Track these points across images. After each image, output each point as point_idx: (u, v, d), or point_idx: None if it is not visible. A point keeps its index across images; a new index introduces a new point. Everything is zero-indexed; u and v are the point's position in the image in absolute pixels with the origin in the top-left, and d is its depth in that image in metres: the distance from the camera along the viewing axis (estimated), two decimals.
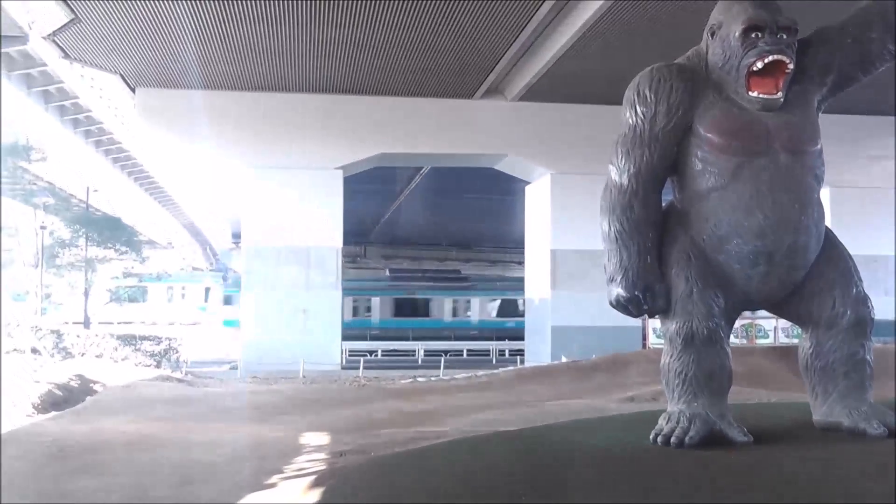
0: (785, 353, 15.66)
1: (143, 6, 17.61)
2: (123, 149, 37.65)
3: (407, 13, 17.87)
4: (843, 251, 4.40)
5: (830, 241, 4.35)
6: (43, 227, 25.45)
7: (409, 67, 21.46)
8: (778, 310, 4.52)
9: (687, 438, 3.96)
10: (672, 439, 3.99)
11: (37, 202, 25.79)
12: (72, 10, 17.94)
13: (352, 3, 17.33)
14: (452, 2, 17.25)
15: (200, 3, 17.45)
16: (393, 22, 18.33)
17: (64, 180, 31.11)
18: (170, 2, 17.36)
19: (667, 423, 4.11)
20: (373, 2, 17.24)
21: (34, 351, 19.97)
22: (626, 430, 4.83)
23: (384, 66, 21.30)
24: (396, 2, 17.29)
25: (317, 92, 23.28)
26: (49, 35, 19.92)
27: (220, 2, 17.37)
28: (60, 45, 20.58)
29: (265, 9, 17.69)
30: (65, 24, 18.68)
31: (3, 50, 23.90)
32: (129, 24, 18.64)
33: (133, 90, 23.61)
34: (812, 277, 4.24)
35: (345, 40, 19.39)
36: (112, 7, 17.74)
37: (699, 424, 4.00)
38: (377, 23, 18.35)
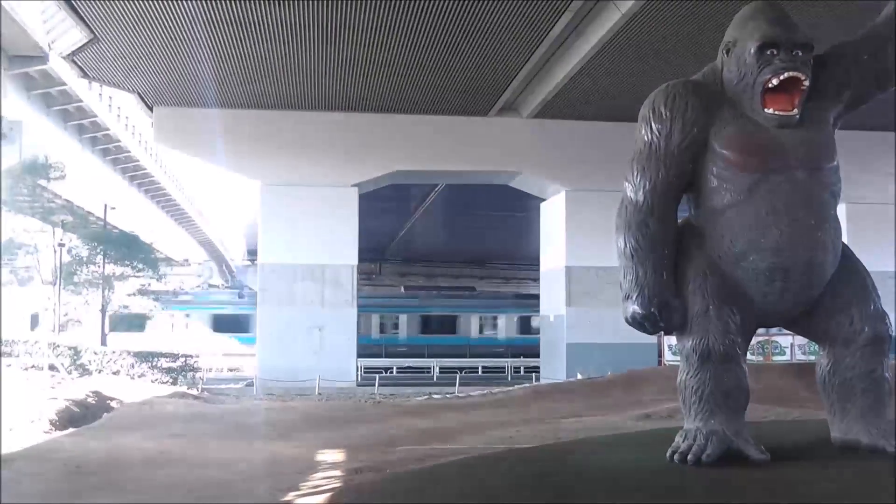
0: (802, 371, 15.56)
1: (160, 27, 17.79)
2: (141, 167, 37.96)
3: (422, 32, 17.97)
4: (861, 268, 4.38)
5: (847, 257, 4.33)
6: (61, 245, 25.63)
7: (425, 85, 21.57)
8: (795, 327, 4.50)
9: (704, 456, 3.94)
10: (689, 457, 3.97)
11: (55, 220, 25.98)
12: (91, 31, 18.14)
13: (367, 22, 17.44)
14: (467, 20, 17.34)
15: (217, 24, 17.61)
16: (408, 40, 18.44)
17: (82, 198, 31.33)
18: (187, 22, 17.53)
19: (683, 440, 4.09)
20: (388, 21, 17.35)
21: (52, 368, 20.07)
22: (643, 447, 4.81)
23: (399, 83, 21.41)
24: (411, 21, 17.39)
25: (332, 110, 23.41)
26: (68, 55, 20.13)
27: (237, 22, 17.51)
28: (79, 64, 20.78)
29: (281, 29, 17.84)
30: (84, 44, 18.89)
31: (23, 70, 24.19)
32: (147, 44, 18.83)
33: (150, 109, 23.80)
34: (829, 294, 4.22)
35: (360, 59, 19.52)
36: (130, 28, 17.92)
37: (716, 442, 3.98)
38: (392, 41, 18.47)
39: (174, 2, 16.63)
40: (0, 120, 23.39)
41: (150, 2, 16.63)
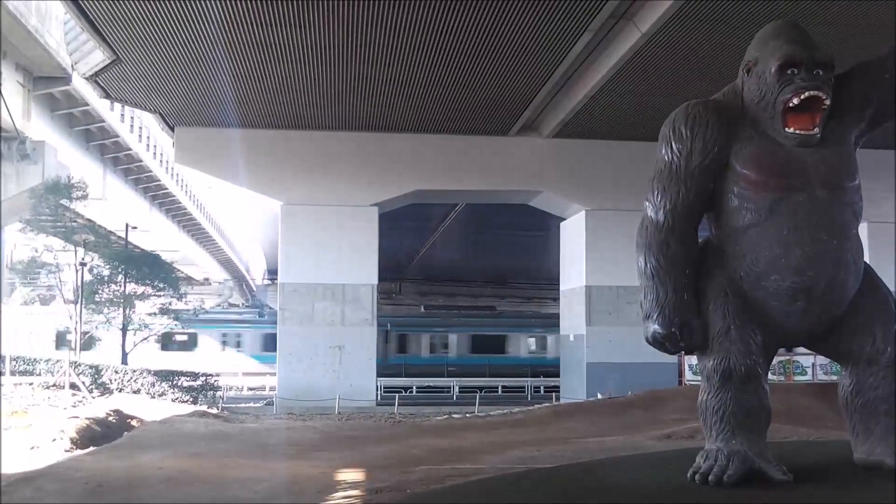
0: (823, 390, 15.45)
1: (182, 48, 17.95)
2: (162, 186, 38.19)
3: (442, 52, 18.05)
4: (883, 287, 4.35)
5: (869, 276, 4.30)
6: (83, 264, 25.78)
7: (445, 105, 21.63)
8: (816, 346, 4.47)
9: (725, 477, 3.92)
10: (710, 477, 3.94)
11: (77, 239, 26.15)
12: (113, 52, 18.32)
13: (387, 43, 17.53)
14: (487, 40, 17.40)
15: (238, 45, 17.74)
16: (428, 61, 18.52)
17: (104, 218, 31.54)
18: (208, 44, 17.68)
19: (704, 461, 4.07)
20: (408, 41, 17.44)
21: (73, 386, 20.18)
22: (664, 467, 4.78)
23: (420, 103, 21.49)
24: (432, 41, 17.47)
25: (353, 130, 23.52)
26: (91, 76, 20.33)
27: (257, 43, 17.64)
28: (102, 85, 20.98)
29: (301, 50, 17.96)
30: (107, 65, 19.07)
31: (47, 90, 24.44)
32: (168, 65, 19.00)
33: (172, 129, 23.98)
34: (851, 314, 4.19)
35: (381, 79, 19.61)
36: (152, 49, 18.10)
37: (738, 462, 3.95)
38: (413, 62, 18.55)
39: (196, 24, 16.79)
40: (25, 140, 23.67)
41: (172, 24, 16.80)
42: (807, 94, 3.99)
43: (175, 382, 22.58)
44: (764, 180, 4.06)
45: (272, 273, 46.95)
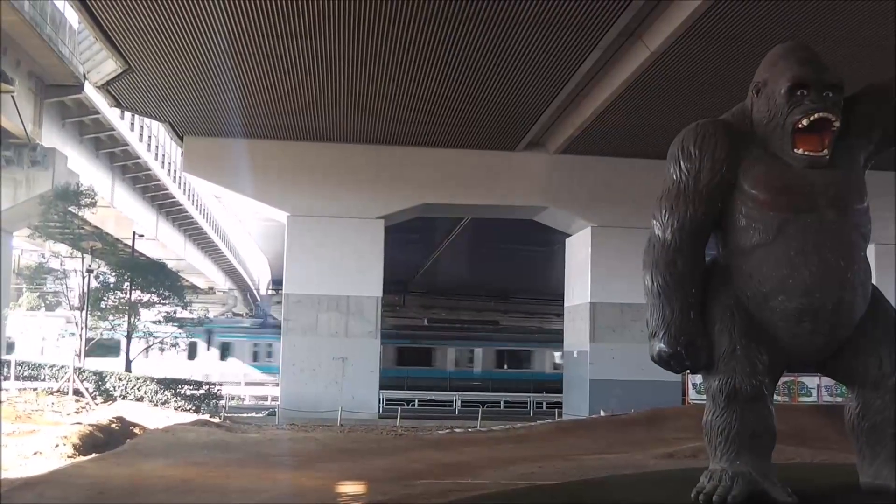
0: (829, 412, 15.37)
1: (193, 59, 18.04)
2: (170, 195, 38.30)
3: (451, 67, 18.10)
4: (890, 309, 4.34)
5: (876, 299, 4.29)
6: (90, 271, 25.83)
7: (453, 119, 21.67)
8: (823, 368, 4.45)
9: (729, 497, 3.90)
10: (714, 498, 3.93)
11: (84, 246, 26.21)
12: (125, 62, 18.41)
13: (396, 58, 17.58)
14: (496, 57, 17.44)
15: (247, 57, 17.81)
16: (437, 75, 18.56)
17: (111, 225, 31.61)
18: (218, 55, 17.75)
19: (708, 481, 4.05)
20: (417, 56, 17.49)
21: (77, 393, 20.19)
22: (667, 487, 4.77)
23: (428, 118, 21.53)
24: (441, 56, 17.52)
25: (360, 142, 23.57)
26: (103, 84, 20.43)
27: (267, 56, 17.70)
28: (113, 94, 21.07)
29: (310, 63, 18.03)
30: (118, 75, 19.15)
31: (58, 98, 24.59)
32: (179, 75, 19.10)
33: (181, 138, 24.06)
34: (858, 336, 4.18)
35: (389, 93, 19.67)
36: (164, 60, 18.18)
37: (742, 483, 3.94)
38: (422, 76, 18.60)
39: (207, 35, 16.85)
40: (35, 147, 23.79)
41: (184, 35, 16.87)
42: (816, 115, 3.99)
43: (178, 391, 22.57)
44: (772, 201, 4.06)
45: (277, 283, 46.95)
